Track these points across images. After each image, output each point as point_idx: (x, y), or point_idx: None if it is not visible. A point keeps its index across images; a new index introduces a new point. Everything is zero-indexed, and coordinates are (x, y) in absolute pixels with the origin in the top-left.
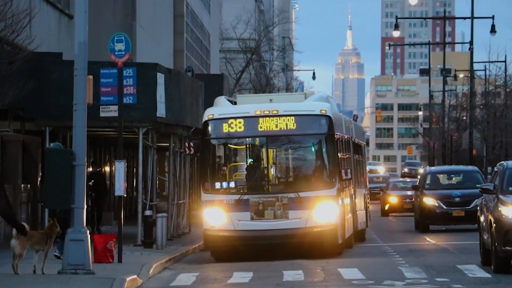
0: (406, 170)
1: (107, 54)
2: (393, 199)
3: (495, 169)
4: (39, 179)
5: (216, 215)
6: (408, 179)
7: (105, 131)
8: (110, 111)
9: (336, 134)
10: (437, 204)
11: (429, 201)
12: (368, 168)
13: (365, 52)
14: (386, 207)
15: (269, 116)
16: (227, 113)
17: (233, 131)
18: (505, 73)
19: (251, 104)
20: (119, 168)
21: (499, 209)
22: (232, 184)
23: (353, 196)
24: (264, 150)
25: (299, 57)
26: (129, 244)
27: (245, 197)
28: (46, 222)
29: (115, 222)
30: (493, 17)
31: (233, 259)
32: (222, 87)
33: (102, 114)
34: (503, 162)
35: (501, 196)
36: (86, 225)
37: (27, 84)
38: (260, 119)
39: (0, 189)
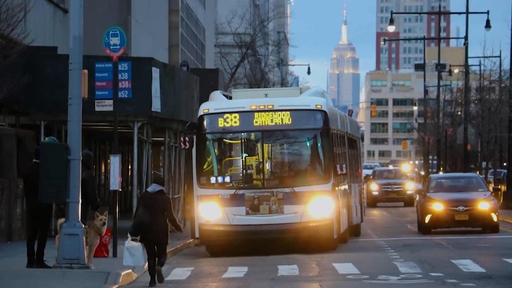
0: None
1: (102, 48)
2: (437, 206)
3: None
4: None
5: (211, 209)
6: (460, 173)
7: (100, 126)
8: (105, 106)
9: (331, 129)
10: None
11: None
12: (365, 172)
13: (360, 47)
14: (427, 219)
15: (265, 111)
16: (222, 108)
17: (229, 126)
18: (500, 68)
19: (246, 99)
20: (114, 163)
21: None
22: (227, 179)
23: (348, 191)
24: (259, 144)
25: (294, 52)
26: (124, 238)
27: (241, 191)
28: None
29: (110, 217)
30: (488, 12)
31: (228, 253)
32: (217, 82)
33: (97, 109)
34: None
35: None
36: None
37: (22, 78)
38: (256, 113)
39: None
